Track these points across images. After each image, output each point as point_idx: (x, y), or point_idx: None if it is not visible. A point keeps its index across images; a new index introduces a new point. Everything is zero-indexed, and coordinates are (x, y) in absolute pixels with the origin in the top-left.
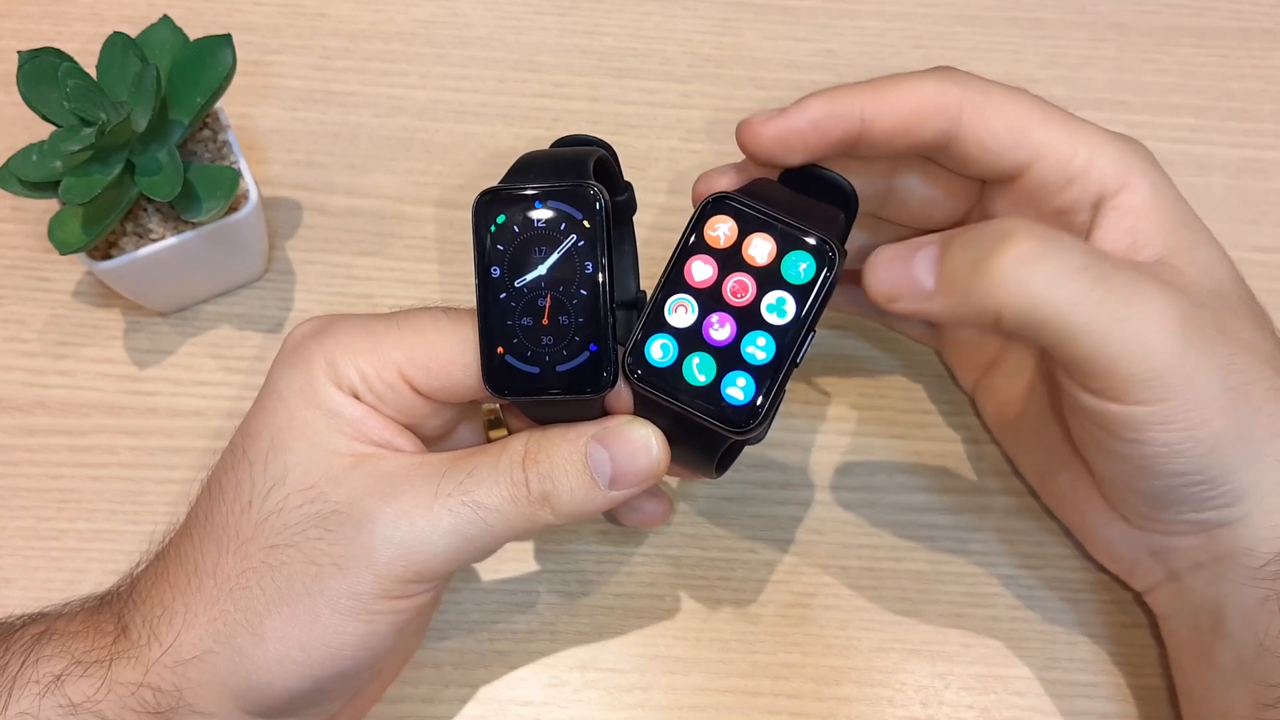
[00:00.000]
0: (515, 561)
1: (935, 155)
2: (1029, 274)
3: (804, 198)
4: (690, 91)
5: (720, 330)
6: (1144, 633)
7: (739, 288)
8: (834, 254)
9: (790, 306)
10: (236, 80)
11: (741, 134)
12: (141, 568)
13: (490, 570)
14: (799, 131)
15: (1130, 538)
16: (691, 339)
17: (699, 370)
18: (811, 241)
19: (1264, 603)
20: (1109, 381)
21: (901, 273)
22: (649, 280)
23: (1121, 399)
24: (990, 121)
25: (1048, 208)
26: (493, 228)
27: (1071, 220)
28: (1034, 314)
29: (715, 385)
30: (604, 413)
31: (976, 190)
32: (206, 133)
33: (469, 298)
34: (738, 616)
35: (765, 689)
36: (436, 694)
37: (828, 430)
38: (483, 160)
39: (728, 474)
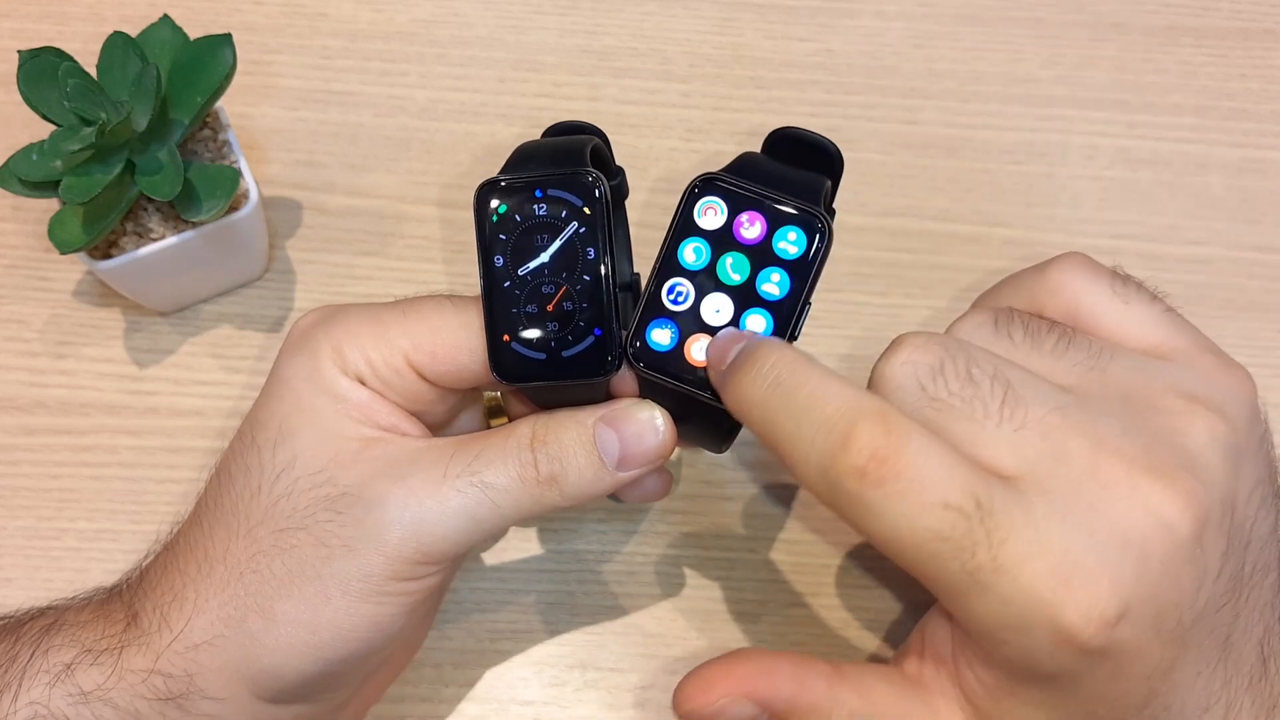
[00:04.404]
0: (516, 561)
1: None
2: None
3: (789, 168)
4: (690, 91)
5: (718, 311)
6: None
7: (733, 267)
8: (823, 225)
9: (785, 282)
10: (236, 80)
11: None
12: (150, 559)
13: (491, 569)
14: None
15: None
16: (691, 321)
17: (700, 352)
18: (800, 214)
19: None
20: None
21: None
22: (642, 264)
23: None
24: None
25: None
26: (494, 217)
27: None
28: None
29: None
30: (609, 396)
31: None
32: (206, 132)
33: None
34: (738, 616)
35: None
36: (436, 693)
37: None
38: (483, 160)
39: (728, 472)
